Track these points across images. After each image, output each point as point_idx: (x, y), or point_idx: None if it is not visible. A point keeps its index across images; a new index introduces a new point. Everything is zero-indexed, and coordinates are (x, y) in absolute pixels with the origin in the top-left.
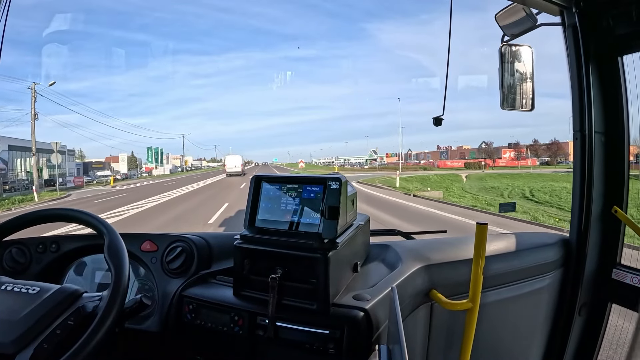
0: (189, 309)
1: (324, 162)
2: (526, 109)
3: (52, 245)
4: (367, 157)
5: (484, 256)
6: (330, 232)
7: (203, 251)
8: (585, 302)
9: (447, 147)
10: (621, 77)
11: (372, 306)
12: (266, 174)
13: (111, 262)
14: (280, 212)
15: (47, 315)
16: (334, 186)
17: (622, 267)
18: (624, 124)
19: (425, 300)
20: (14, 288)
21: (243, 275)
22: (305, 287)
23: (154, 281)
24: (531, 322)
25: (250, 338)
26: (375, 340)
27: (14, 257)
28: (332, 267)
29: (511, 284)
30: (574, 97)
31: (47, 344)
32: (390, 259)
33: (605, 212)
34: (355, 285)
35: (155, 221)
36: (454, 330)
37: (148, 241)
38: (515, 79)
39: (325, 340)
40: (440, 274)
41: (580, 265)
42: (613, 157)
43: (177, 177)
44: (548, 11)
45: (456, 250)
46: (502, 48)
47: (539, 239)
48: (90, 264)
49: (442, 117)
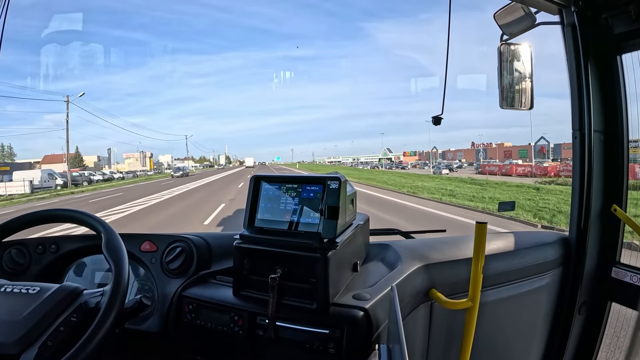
0: (189, 309)
1: (329, 161)
2: (525, 108)
3: (52, 246)
4: (380, 157)
5: (483, 255)
6: (330, 232)
7: (203, 251)
8: (585, 301)
9: (485, 144)
10: (620, 76)
11: (371, 305)
12: (266, 174)
13: (110, 257)
14: (280, 212)
15: (49, 313)
16: (333, 186)
17: (621, 266)
18: (623, 123)
19: (425, 300)
20: (14, 289)
21: (243, 275)
22: (305, 287)
23: (154, 281)
24: (531, 321)
25: (250, 338)
26: (375, 339)
27: (14, 258)
28: (332, 267)
29: (511, 283)
30: (573, 96)
31: (51, 342)
32: (390, 258)
33: (604, 211)
34: (355, 284)
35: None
36: (454, 330)
37: (147, 241)
38: (514, 78)
39: (325, 340)
40: (440, 273)
41: (579, 264)
42: (612, 156)
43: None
44: (547, 10)
45: (456, 250)
46: (501, 47)
47: (539, 237)
48: (89, 264)
49: (442, 116)
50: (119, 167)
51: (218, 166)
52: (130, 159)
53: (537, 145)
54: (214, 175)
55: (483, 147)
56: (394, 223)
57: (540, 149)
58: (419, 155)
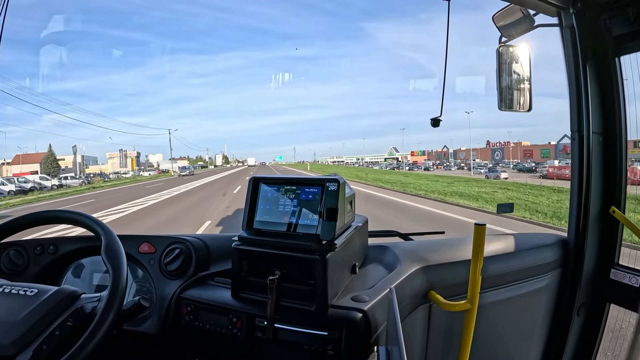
0: (187, 310)
1: (332, 161)
2: (524, 110)
3: (50, 247)
4: (385, 156)
5: (482, 257)
6: (328, 234)
7: (201, 253)
8: (584, 303)
9: (502, 143)
10: (618, 77)
11: (370, 307)
12: (265, 175)
13: (109, 262)
14: (279, 213)
15: (46, 316)
16: (332, 187)
17: (620, 267)
18: (621, 124)
19: (424, 301)
20: (12, 290)
21: (241, 277)
22: (304, 289)
23: (152, 283)
24: (530, 323)
25: (248, 339)
26: (374, 341)
27: (12, 259)
28: (331, 269)
29: (509, 284)
30: (572, 98)
31: (46, 345)
32: (389, 260)
33: (603, 213)
34: (353, 286)
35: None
36: (453, 331)
37: (146, 243)
38: (513, 79)
39: (323, 342)
40: (439, 275)
41: (578, 266)
42: (611, 157)
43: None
44: (545, 12)
45: (454, 251)
46: (500, 49)
47: (537, 239)
48: (88, 265)
49: (440, 118)
50: (102, 168)
51: (214, 166)
52: (114, 158)
53: (559, 144)
54: (199, 181)
55: (500, 146)
56: None
57: (563, 148)
58: (427, 154)
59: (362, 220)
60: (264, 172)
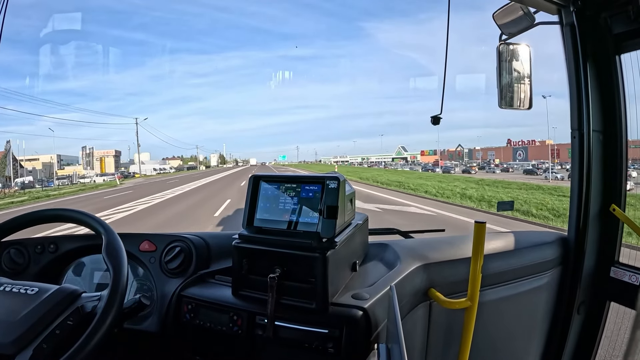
0: (188, 308)
1: (335, 161)
2: (524, 108)
3: (51, 246)
4: (393, 156)
5: (482, 255)
6: (329, 232)
7: (202, 251)
8: (584, 301)
9: (527, 142)
10: (619, 75)
11: (370, 305)
12: (265, 174)
13: (109, 262)
14: (279, 211)
15: (46, 315)
16: (332, 185)
17: (620, 266)
18: (621, 123)
19: (424, 299)
20: (13, 289)
21: (242, 275)
22: (304, 287)
23: (153, 281)
24: (530, 321)
25: (249, 338)
26: (374, 339)
27: (13, 257)
28: (331, 266)
29: (509, 282)
30: (572, 96)
31: (46, 344)
32: (389, 258)
33: (603, 211)
34: (354, 284)
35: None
36: (453, 329)
37: (146, 241)
38: (513, 77)
39: (324, 340)
40: (439, 272)
41: (578, 264)
42: (611, 156)
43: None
44: (546, 10)
45: (455, 249)
46: (500, 47)
47: (537, 237)
48: (88, 264)
49: (440, 116)
50: (77, 169)
51: (206, 167)
52: (109, 157)
53: None
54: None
55: (521, 145)
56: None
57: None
58: (439, 154)
59: (363, 218)
60: (264, 172)
